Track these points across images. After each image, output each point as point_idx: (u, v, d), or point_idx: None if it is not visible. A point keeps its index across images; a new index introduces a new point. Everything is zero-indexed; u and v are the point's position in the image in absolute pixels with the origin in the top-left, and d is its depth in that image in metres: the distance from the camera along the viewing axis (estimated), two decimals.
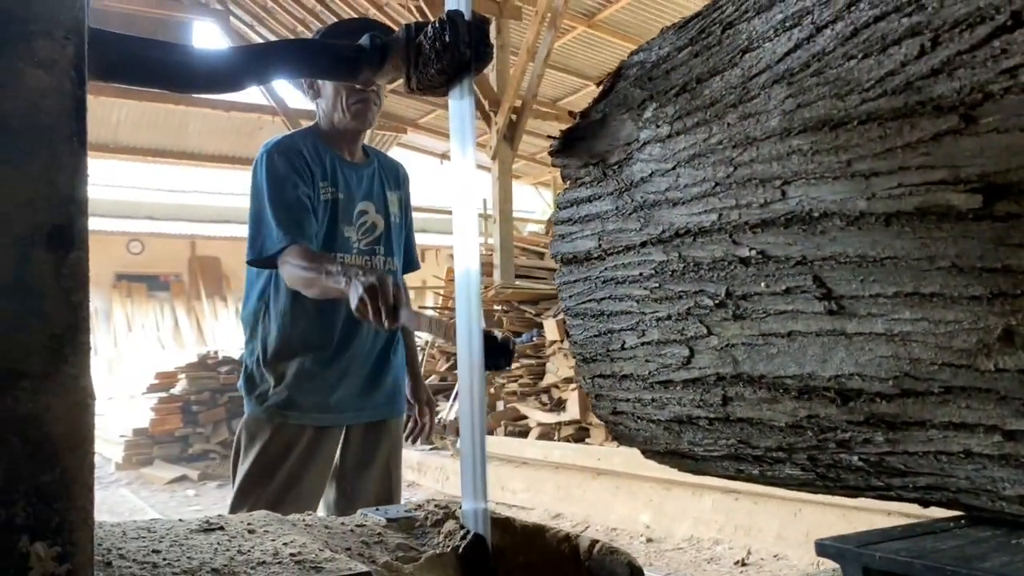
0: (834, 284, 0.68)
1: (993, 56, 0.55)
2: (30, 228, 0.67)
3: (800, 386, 0.73)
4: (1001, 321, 0.59)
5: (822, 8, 0.69)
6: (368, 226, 2.05)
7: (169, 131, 11.90)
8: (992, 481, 0.65)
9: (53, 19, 0.68)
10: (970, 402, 0.63)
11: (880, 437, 0.70)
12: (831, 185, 0.65)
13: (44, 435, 0.66)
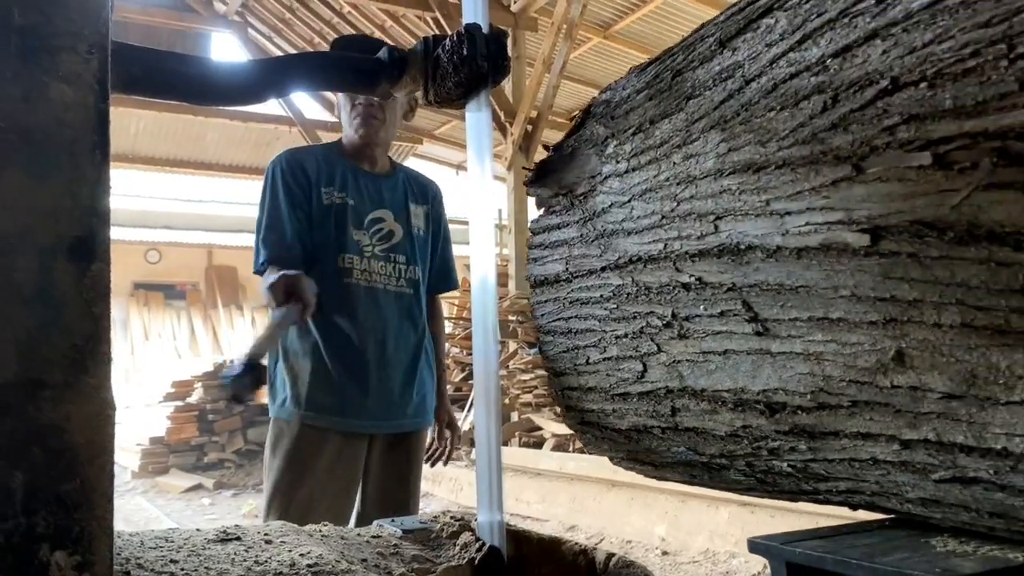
0: (760, 308, 0.78)
1: (877, 115, 0.64)
2: (52, 239, 0.68)
3: (735, 399, 0.83)
4: (894, 344, 0.68)
5: (751, 63, 0.79)
6: (384, 232, 2.13)
7: (187, 142, 12.13)
8: (896, 485, 0.75)
9: (77, 34, 0.69)
10: (873, 415, 0.72)
11: (803, 445, 0.79)
12: (753, 221, 0.75)
13: (65, 445, 0.67)
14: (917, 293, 0.64)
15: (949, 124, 0.58)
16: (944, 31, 0.60)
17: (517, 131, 8.06)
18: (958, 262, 0.60)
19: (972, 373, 0.63)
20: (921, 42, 0.61)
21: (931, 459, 0.69)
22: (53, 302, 0.68)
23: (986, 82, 0.56)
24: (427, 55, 1.15)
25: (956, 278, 0.60)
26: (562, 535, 1.20)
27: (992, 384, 0.63)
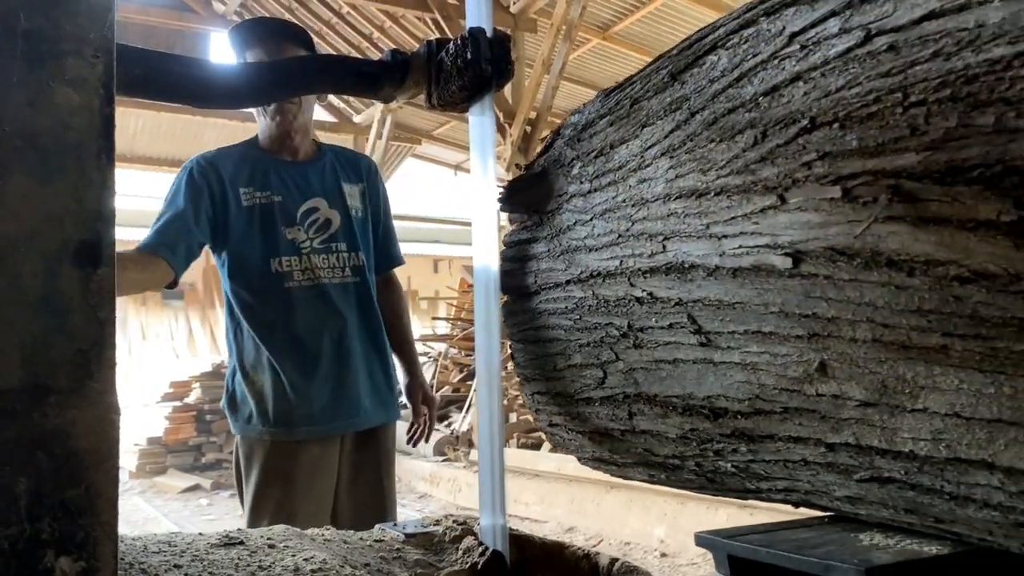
0: (703, 322, 0.85)
1: (798, 151, 0.72)
2: (58, 244, 0.67)
3: (683, 404, 0.91)
4: (817, 356, 0.76)
5: (696, 96, 0.87)
6: (321, 223, 2.05)
7: (186, 142, 12.21)
8: (825, 484, 0.82)
9: (83, 38, 0.69)
10: (801, 420, 0.80)
11: (744, 448, 0.87)
12: (696, 243, 0.83)
13: (70, 450, 0.66)
14: (834, 311, 0.72)
15: (855, 162, 0.66)
16: (853, 78, 0.68)
17: (516, 132, 8.13)
18: (865, 284, 0.67)
19: (883, 383, 0.71)
20: (835, 86, 0.69)
21: (852, 461, 0.77)
22: (59, 307, 0.67)
23: (884, 126, 0.64)
24: (430, 58, 1.16)
25: (865, 299, 0.68)
26: (560, 536, 1.23)
27: (900, 393, 0.70)
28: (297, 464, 1.99)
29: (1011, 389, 0.63)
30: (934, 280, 0.61)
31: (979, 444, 0.66)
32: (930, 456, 0.70)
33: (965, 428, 0.67)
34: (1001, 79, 0.56)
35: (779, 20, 0.79)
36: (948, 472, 0.70)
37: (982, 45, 0.58)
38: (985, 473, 0.67)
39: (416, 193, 15.29)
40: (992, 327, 0.61)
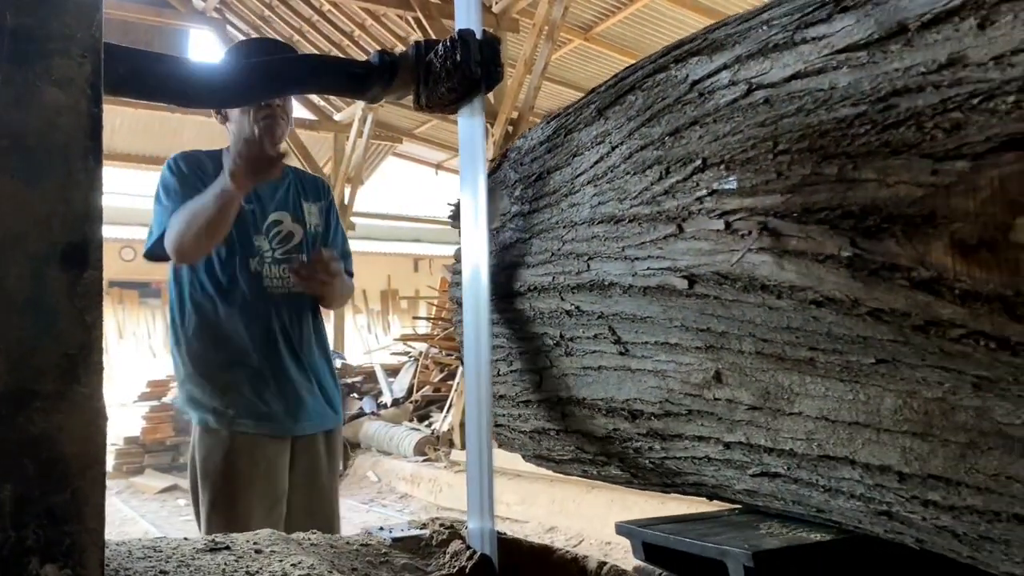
0: (622, 333, 0.97)
1: (693, 187, 0.83)
2: (45, 246, 0.67)
3: (607, 407, 1.02)
4: (713, 365, 0.87)
5: (616, 131, 0.98)
6: (284, 235, 2.17)
7: (164, 139, 12.24)
8: (726, 478, 0.94)
9: (70, 38, 0.69)
10: (703, 421, 0.91)
11: (657, 446, 0.99)
12: (614, 263, 0.94)
13: (56, 455, 0.65)
14: (723, 327, 0.83)
15: (735, 200, 0.77)
16: (736, 126, 0.79)
17: (498, 132, 8.22)
18: (746, 305, 0.79)
19: (766, 390, 0.83)
20: (723, 132, 0.81)
21: (745, 458, 0.89)
22: (45, 311, 0.67)
23: (758, 170, 0.75)
24: (419, 60, 1.16)
25: (746, 317, 0.80)
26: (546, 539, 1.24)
27: (779, 399, 0.82)
28: (254, 462, 2.07)
29: (865, 396, 0.75)
30: (797, 303, 0.73)
31: (842, 443, 0.78)
32: (806, 454, 0.82)
33: (831, 429, 0.78)
34: (845, 135, 0.68)
35: (684, 68, 0.90)
36: (820, 468, 0.81)
37: (833, 104, 0.70)
38: (848, 468, 0.78)
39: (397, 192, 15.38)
40: (844, 343, 0.72)
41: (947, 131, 0.60)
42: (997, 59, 0.58)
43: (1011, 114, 0.57)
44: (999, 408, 0.65)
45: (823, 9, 0.75)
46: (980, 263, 0.57)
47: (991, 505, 0.69)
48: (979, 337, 0.60)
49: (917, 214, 0.61)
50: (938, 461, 0.71)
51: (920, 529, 0.77)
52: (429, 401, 9.45)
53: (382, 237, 16.47)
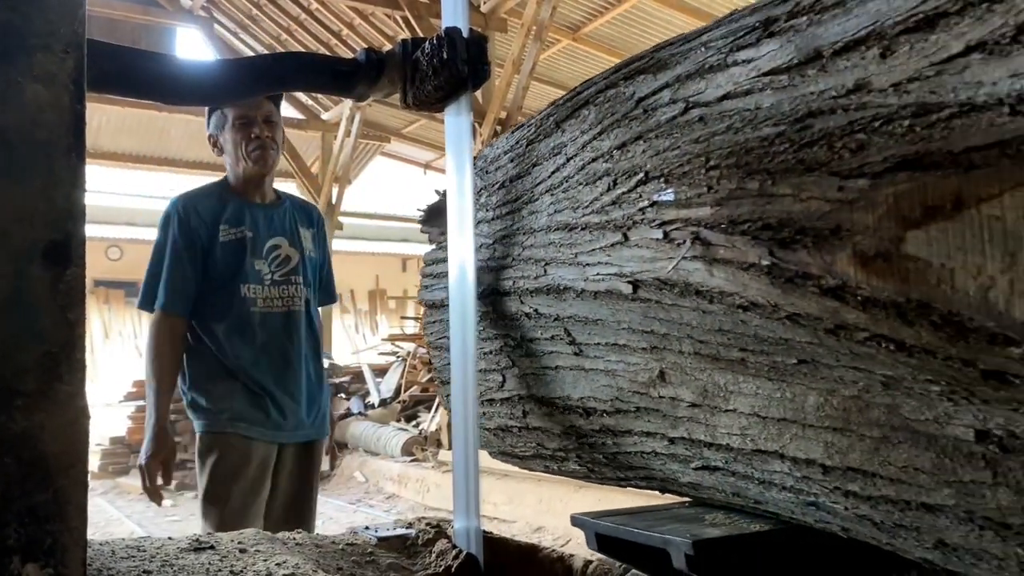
0: (576, 335, 1.03)
1: (637, 198, 0.89)
2: (27, 243, 0.66)
3: (563, 404, 1.08)
4: (658, 365, 0.93)
5: (571, 144, 1.04)
6: (282, 259, 2.36)
7: (150, 137, 12.25)
8: (672, 472, 1.00)
9: (53, 33, 0.68)
10: (650, 418, 0.97)
11: (610, 441, 1.04)
12: (568, 269, 1.00)
13: (38, 454, 0.65)
14: (665, 329, 0.89)
15: (672, 211, 0.83)
16: (675, 142, 0.85)
17: (486, 131, 8.29)
18: (683, 308, 0.85)
19: (705, 388, 0.89)
20: (663, 147, 0.87)
21: (688, 452, 0.95)
22: (27, 308, 0.66)
23: (692, 183, 0.81)
24: (406, 58, 1.16)
25: (684, 320, 0.86)
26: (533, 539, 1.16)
27: (716, 396, 0.88)
28: (246, 462, 2.25)
29: (791, 394, 0.81)
30: (727, 307, 0.79)
31: (772, 438, 0.84)
32: (741, 448, 0.88)
33: (762, 425, 0.85)
34: (767, 153, 0.74)
35: (632, 85, 0.96)
36: (754, 461, 0.87)
37: (757, 124, 0.76)
38: (778, 462, 0.84)
39: (385, 191, 15.42)
40: (769, 345, 0.79)
41: (853, 151, 0.66)
42: (896, 86, 0.64)
43: (906, 137, 0.63)
44: (906, 405, 0.72)
45: (753, 34, 0.81)
46: (877, 272, 0.63)
47: (902, 495, 0.75)
48: (881, 340, 0.66)
49: (825, 227, 0.67)
50: (856, 454, 0.77)
51: (844, 518, 0.83)
52: (417, 401, 9.50)
53: (370, 237, 16.52)
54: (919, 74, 0.62)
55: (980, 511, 0.69)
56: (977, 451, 0.68)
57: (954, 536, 0.73)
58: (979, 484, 0.68)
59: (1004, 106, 0.56)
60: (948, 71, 0.60)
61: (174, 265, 2.26)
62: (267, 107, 2.35)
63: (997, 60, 0.57)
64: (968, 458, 0.69)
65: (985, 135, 0.57)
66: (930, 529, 0.75)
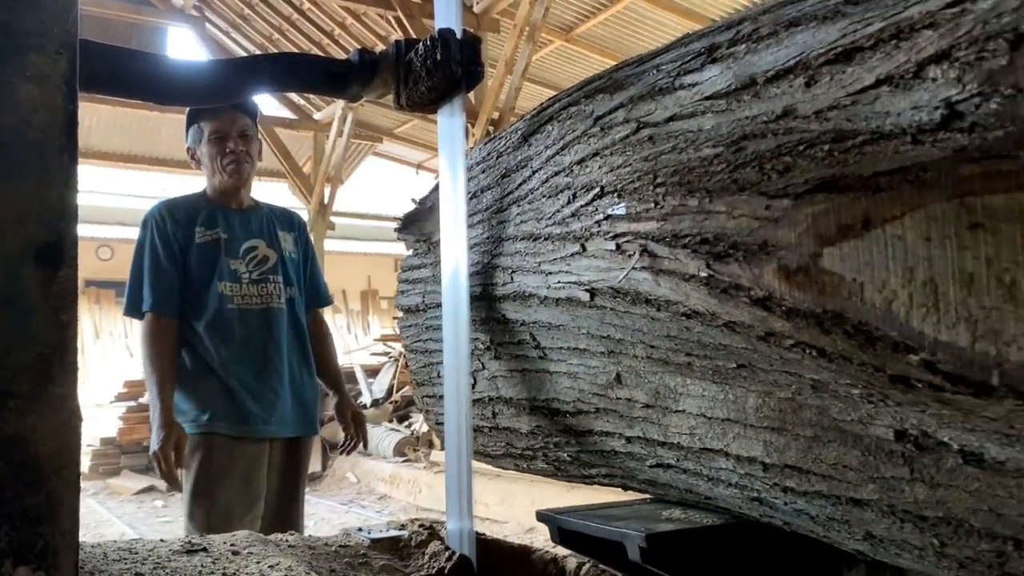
0: (541, 339, 1.09)
1: (593, 211, 0.95)
2: (20, 244, 0.66)
3: (530, 405, 1.14)
4: (615, 368, 0.99)
5: (536, 158, 1.10)
6: (259, 258, 2.44)
7: (142, 137, 12.27)
8: (630, 470, 1.06)
9: (45, 33, 0.68)
10: (608, 418, 1.03)
11: (573, 440, 1.11)
12: (532, 277, 1.06)
13: (30, 456, 0.65)
14: (620, 335, 0.95)
15: (624, 224, 0.89)
16: (627, 159, 0.91)
17: (479, 132, 8.33)
18: (635, 315, 0.91)
19: (657, 390, 0.95)
20: (617, 164, 0.93)
21: (643, 451, 1.01)
22: (19, 310, 0.66)
23: (641, 199, 0.87)
24: (399, 59, 1.17)
25: (636, 326, 0.92)
26: (526, 540, 1.16)
27: (667, 398, 0.94)
28: (233, 460, 2.28)
29: (733, 396, 0.87)
30: (672, 315, 0.85)
31: (718, 437, 0.90)
32: (690, 447, 0.94)
33: (708, 425, 0.91)
34: (706, 172, 0.80)
35: (591, 103, 1.02)
36: (703, 459, 0.94)
37: (699, 145, 0.82)
38: (724, 459, 0.91)
39: (377, 191, 15.47)
40: (711, 350, 0.85)
41: (780, 173, 0.73)
42: (818, 113, 0.70)
43: (825, 161, 0.69)
44: (834, 407, 0.78)
45: (698, 59, 0.87)
46: (799, 285, 0.69)
47: (833, 490, 0.81)
48: (804, 347, 0.72)
49: (754, 243, 0.73)
50: (792, 453, 0.83)
51: (784, 513, 0.90)
52: (409, 402, 9.54)
53: (362, 237, 16.56)
54: (838, 103, 0.69)
55: (900, 505, 0.76)
56: (896, 449, 0.74)
57: (879, 528, 0.79)
58: (899, 480, 0.75)
59: (907, 135, 0.62)
60: (862, 101, 0.67)
61: (155, 269, 2.33)
62: (243, 121, 2.43)
63: (902, 93, 0.63)
64: (889, 456, 0.75)
65: (891, 161, 0.63)
66: (859, 522, 0.81)
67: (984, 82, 0.57)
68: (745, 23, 0.84)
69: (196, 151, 2.48)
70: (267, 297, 2.41)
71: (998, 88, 0.56)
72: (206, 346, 2.33)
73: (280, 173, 11.17)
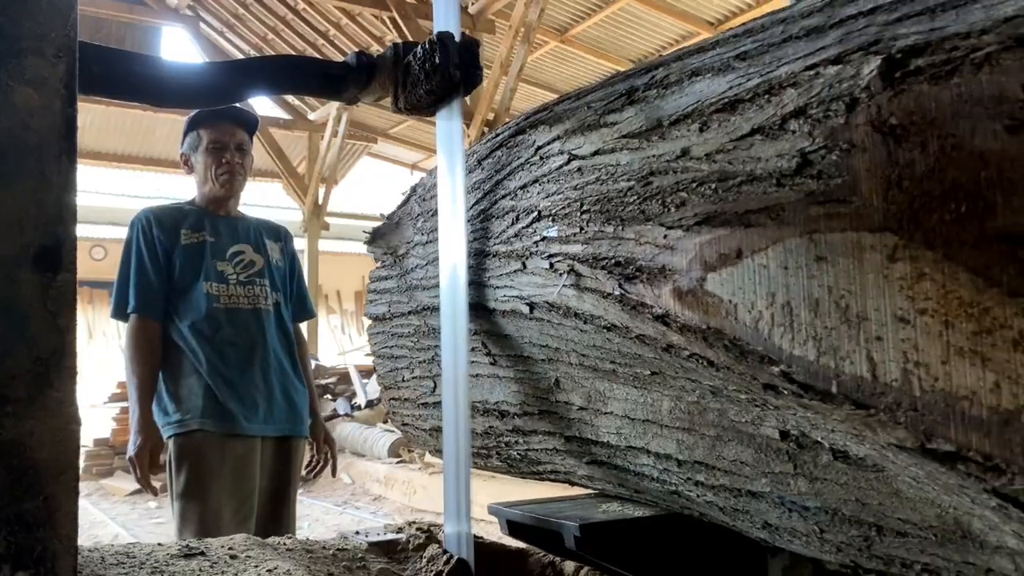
0: (491, 347, 1.21)
1: (532, 233, 1.07)
2: (17, 249, 0.66)
3: (483, 407, 1.26)
4: (554, 374, 1.11)
5: (487, 181, 1.22)
6: (246, 262, 2.54)
7: (135, 136, 12.40)
8: (571, 467, 1.18)
9: (44, 37, 0.69)
10: (550, 420, 1.15)
11: (521, 440, 1.23)
12: (483, 290, 1.18)
13: (28, 461, 0.65)
14: (556, 344, 1.07)
15: (555, 246, 1.01)
16: (560, 187, 1.03)
17: (474, 133, 8.46)
18: (567, 327, 1.03)
19: (589, 394, 1.07)
20: (551, 191, 1.05)
21: (580, 449, 1.13)
22: (17, 314, 0.67)
23: (569, 224, 0.99)
24: (397, 62, 1.18)
25: (568, 336, 1.04)
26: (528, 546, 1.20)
27: (598, 401, 1.06)
28: (223, 461, 2.35)
29: (650, 399, 0.99)
30: (596, 327, 0.97)
31: (639, 436, 1.02)
32: (617, 445, 1.06)
33: (632, 426, 1.03)
34: (622, 202, 0.92)
35: (534, 133, 1.14)
36: (628, 456, 1.06)
37: (617, 178, 0.94)
38: (645, 456, 1.03)
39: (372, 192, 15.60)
40: (630, 359, 0.97)
41: (677, 206, 0.84)
42: (708, 155, 0.82)
43: (711, 198, 0.81)
44: (731, 409, 0.90)
45: (620, 100, 0.99)
46: (688, 305, 0.81)
47: (735, 484, 0.93)
48: (697, 357, 0.84)
49: (655, 267, 0.85)
50: (700, 450, 0.95)
51: (698, 504, 1.02)
52: None
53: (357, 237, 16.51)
54: (723, 147, 0.81)
55: (788, 496, 0.88)
56: (782, 447, 0.86)
57: (772, 518, 0.91)
58: (785, 474, 0.87)
59: (772, 178, 0.74)
60: (741, 147, 0.78)
61: (140, 272, 2.43)
62: (241, 135, 2.55)
63: (770, 142, 0.75)
64: (776, 453, 0.87)
65: (759, 201, 0.75)
66: (757, 512, 0.93)
67: (828, 137, 0.69)
68: (659, 69, 0.96)
69: (191, 157, 2.58)
70: (254, 298, 2.49)
71: (838, 143, 0.68)
72: (192, 345, 2.39)
73: (274, 173, 11.30)
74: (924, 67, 0.64)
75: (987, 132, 0.59)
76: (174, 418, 2.38)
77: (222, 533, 2.10)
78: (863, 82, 0.67)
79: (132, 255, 2.46)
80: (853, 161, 0.67)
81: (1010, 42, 0.59)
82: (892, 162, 0.64)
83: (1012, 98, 0.58)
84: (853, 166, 0.67)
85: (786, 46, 0.80)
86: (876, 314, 0.65)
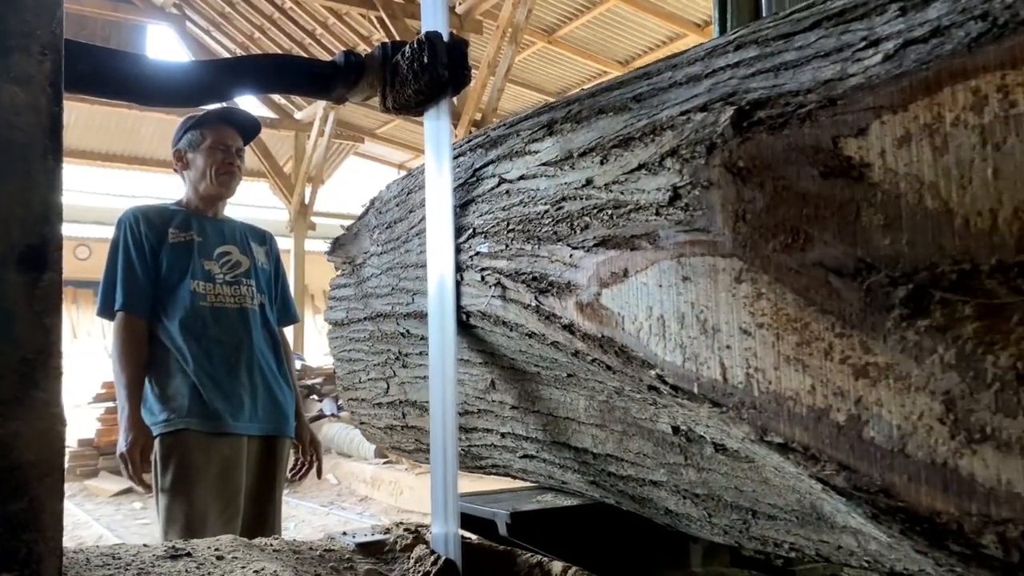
0: None
1: (469, 248, 1.20)
2: (3, 248, 0.66)
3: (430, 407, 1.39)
4: (491, 376, 1.25)
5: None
6: (232, 263, 2.65)
7: (120, 135, 12.50)
8: (507, 461, 1.32)
9: (30, 34, 0.68)
10: (488, 417, 1.29)
11: (463, 437, 1.36)
12: (427, 299, 1.31)
13: (13, 463, 0.65)
14: (491, 348, 1.21)
15: (487, 260, 1.14)
16: (491, 207, 1.16)
17: (461, 133, 8.57)
18: (497, 334, 1.16)
19: (520, 394, 1.21)
20: (484, 210, 1.18)
21: (515, 444, 1.26)
22: (2, 314, 0.67)
23: (497, 240, 1.13)
24: (385, 61, 1.20)
25: (499, 342, 1.17)
26: None
27: (528, 401, 1.20)
28: (209, 461, 2.44)
29: (570, 399, 1.13)
30: (520, 335, 1.10)
31: (562, 432, 1.16)
32: (544, 440, 1.19)
33: (555, 423, 1.16)
34: (539, 224, 1.05)
35: (472, 156, 1.27)
36: (553, 450, 1.19)
37: (536, 201, 1.07)
38: (567, 451, 1.16)
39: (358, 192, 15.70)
40: (549, 362, 1.10)
41: (582, 229, 0.98)
42: (606, 185, 0.96)
43: (607, 223, 0.94)
44: (634, 407, 1.03)
45: (542, 131, 1.12)
46: (587, 316, 0.94)
47: (639, 474, 1.07)
48: (598, 362, 0.97)
49: (562, 282, 0.98)
50: (610, 444, 1.09)
51: (612, 493, 1.15)
52: None
53: None
54: (617, 179, 0.94)
55: (681, 485, 1.01)
56: (675, 441, 0.99)
57: (671, 504, 1.05)
58: (678, 465, 1.00)
59: (652, 208, 0.88)
60: (631, 179, 0.92)
61: (127, 270, 2.52)
62: (240, 141, 2.69)
63: (651, 176, 0.89)
64: (671, 446, 1.00)
65: (643, 227, 0.89)
66: (658, 499, 1.07)
67: (693, 175, 0.83)
68: (575, 104, 1.10)
69: (187, 155, 2.66)
70: (240, 298, 2.58)
71: (700, 180, 0.82)
72: (178, 343, 2.47)
73: (260, 173, 11.40)
74: (764, 118, 0.77)
75: (807, 176, 0.73)
76: (160, 417, 2.45)
77: (208, 533, 2.22)
78: (719, 129, 0.81)
79: (119, 253, 2.54)
80: (711, 196, 0.80)
81: (825, 101, 0.72)
82: (740, 199, 0.78)
83: (825, 148, 0.72)
84: (711, 201, 0.80)
85: (671, 91, 0.93)
86: (726, 326, 0.78)
